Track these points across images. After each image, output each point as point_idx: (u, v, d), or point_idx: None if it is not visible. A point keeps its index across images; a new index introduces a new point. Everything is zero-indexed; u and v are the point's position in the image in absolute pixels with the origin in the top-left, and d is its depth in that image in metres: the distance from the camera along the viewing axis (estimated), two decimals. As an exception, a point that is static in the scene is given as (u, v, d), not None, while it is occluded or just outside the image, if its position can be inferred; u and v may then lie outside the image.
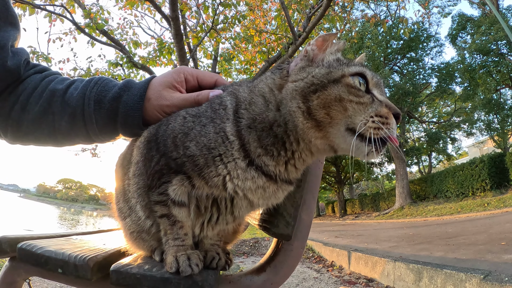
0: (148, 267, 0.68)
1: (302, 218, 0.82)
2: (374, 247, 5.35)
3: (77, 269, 0.77)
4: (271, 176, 0.68)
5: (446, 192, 16.88)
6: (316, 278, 4.05)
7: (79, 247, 0.92)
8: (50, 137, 0.86)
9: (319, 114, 0.63)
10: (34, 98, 0.83)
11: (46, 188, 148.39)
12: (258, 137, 0.67)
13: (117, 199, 0.88)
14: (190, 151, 0.66)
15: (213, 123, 0.67)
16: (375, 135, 0.61)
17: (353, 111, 0.63)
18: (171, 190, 0.68)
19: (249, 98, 0.70)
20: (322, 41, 0.70)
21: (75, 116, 0.82)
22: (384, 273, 3.55)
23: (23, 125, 0.83)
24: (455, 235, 5.89)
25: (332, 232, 10.50)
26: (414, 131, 30.32)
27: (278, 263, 0.80)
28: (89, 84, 0.85)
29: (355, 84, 0.65)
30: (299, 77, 0.67)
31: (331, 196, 44.02)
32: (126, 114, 0.81)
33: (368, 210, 25.87)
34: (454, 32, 21.64)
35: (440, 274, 2.75)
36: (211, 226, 0.74)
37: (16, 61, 0.83)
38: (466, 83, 20.45)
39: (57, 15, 6.21)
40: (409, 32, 7.28)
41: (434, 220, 11.78)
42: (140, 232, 0.80)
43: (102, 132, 0.85)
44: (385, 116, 0.64)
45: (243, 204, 0.70)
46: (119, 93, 0.82)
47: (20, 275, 0.98)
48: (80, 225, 21.25)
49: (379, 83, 0.70)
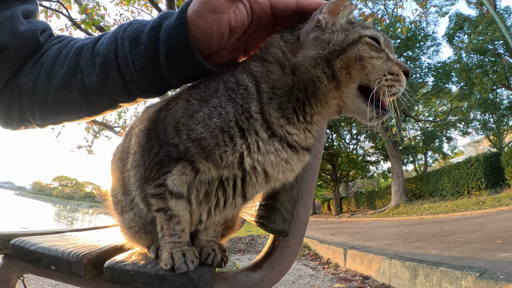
0: (143, 263, 0.67)
1: (299, 214, 0.81)
2: (370, 245, 5.37)
3: (71, 266, 0.76)
4: (295, 147, 0.68)
5: (441, 191, 17.00)
6: (312, 276, 4.06)
7: (73, 243, 0.91)
8: (82, 102, 0.73)
9: (341, 74, 0.65)
10: (60, 61, 0.73)
11: (42, 186, 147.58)
12: (279, 105, 0.66)
13: (114, 192, 0.85)
14: (196, 134, 0.63)
15: (234, 103, 0.64)
16: (388, 92, 0.66)
17: (372, 68, 0.66)
18: (170, 180, 0.65)
19: (264, 69, 0.69)
20: (334, 6, 0.69)
21: (107, 64, 0.69)
22: (380, 270, 3.56)
23: (50, 95, 0.73)
24: (451, 233, 5.92)
25: (328, 229, 10.54)
26: (410, 129, 30.54)
27: (275, 260, 0.79)
28: (121, 27, 0.72)
29: (373, 43, 0.68)
30: (318, 47, 0.67)
31: (327, 194, 44.23)
32: (169, 38, 0.65)
33: (363, 208, 26.00)
34: (451, 31, 21.75)
35: (436, 272, 2.76)
36: (218, 211, 0.72)
37: (31, 26, 0.74)
38: (462, 82, 20.59)
39: (53, 11, 6.18)
40: (406, 31, 7.31)
41: (429, 218, 11.86)
42: (143, 225, 0.78)
43: (142, 78, 0.69)
44: (396, 74, 0.67)
45: (258, 180, 0.68)
46: (158, 22, 0.68)
47: (14, 272, 0.97)
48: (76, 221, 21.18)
49: (390, 44, 0.73)
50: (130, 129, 0.82)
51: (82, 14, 5.72)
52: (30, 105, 0.75)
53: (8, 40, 0.70)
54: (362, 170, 28.53)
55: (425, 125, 26.96)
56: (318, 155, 0.87)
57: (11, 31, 0.70)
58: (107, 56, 0.68)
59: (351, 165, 27.76)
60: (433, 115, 27.81)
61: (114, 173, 0.85)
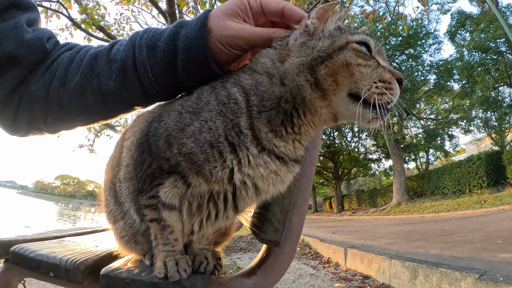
0: (138, 271, 0.68)
1: (293, 221, 0.82)
2: (371, 244, 5.38)
3: (68, 273, 0.78)
4: (283, 158, 0.67)
5: (443, 189, 16.97)
6: (312, 275, 4.06)
7: (71, 250, 0.92)
8: (98, 106, 0.76)
9: (326, 83, 0.63)
10: (74, 69, 0.75)
11: (44, 185, 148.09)
12: (268, 118, 0.65)
13: (107, 202, 0.86)
14: (186, 149, 0.63)
15: (224, 117, 0.64)
16: (379, 100, 0.63)
17: (360, 75, 0.63)
18: (162, 192, 0.66)
19: (254, 81, 0.68)
20: (322, 12, 0.68)
21: (125, 69, 0.72)
22: (380, 270, 3.57)
23: (65, 101, 0.75)
24: (452, 233, 5.92)
25: (329, 228, 10.54)
26: (412, 127, 30.44)
27: (269, 267, 0.79)
28: (137, 34, 0.75)
29: (360, 49, 0.66)
30: (303, 53, 0.66)
31: (328, 192, 44.18)
32: (188, 48, 0.70)
33: (365, 206, 25.98)
34: (453, 29, 21.65)
35: (435, 273, 2.77)
36: (210, 223, 0.72)
37: (36, 34, 0.75)
38: (464, 80, 20.51)
39: (53, 11, 6.17)
40: (407, 28, 7.27)
41: (430, 216, 11.84)
42: (135, 235, 0.79)
43: (159, 82, 0.73)
44: (388, 81, 0.65)
45: (248, 194, 0.67)
46: (175, 31, 0.72)
47: (15, 276, 0.99)
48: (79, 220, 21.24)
49: (382, 50, 0.71)
50: (121, 140, 0.82)
51: (82, 14, 5.71)
52: (44, 111, 0.77)
53: (16, 49, 0.71)
54: (363, 168, 28.51)
55: (427, 123, 26.86)
56: (313, 162, 0.87)
57: (17, 40, 0.71)
58: (125, 62, 0.72)
59: (353, 163, 27.73)
60: (435, 113, 27.72)
61: (107, 184, 0.85)
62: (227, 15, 0.71)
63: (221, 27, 0.70)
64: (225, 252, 5.61)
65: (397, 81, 0.66)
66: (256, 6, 0.73)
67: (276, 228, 0.76)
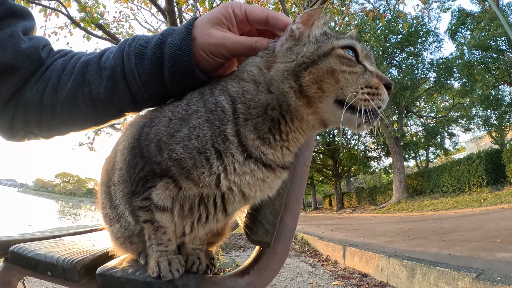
0: (132, 270, 0.70)
1: (286, 222, 0.83)
2: (370, 242, 5.39)
3: (65, 272, 0.79)
4: (270, 165, 0.68)
5: (442, 187, 16.98)
6: (311, 273, 4.08)
7: (68, 249, 0.93)
8: (89, 112, 0.77)
9: (310, 90, 0.63)
10: (66, 76, 0.76)
11: (44, 183, 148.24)
12: (254, 126, 0.66)
13: (103, 205, 0.87)
14: (176, 154, 0.64)
15: (211, 124, 0.65)
16: (365, 106, 0.61)
17: (345, 81, 0.63)
18: (155, 194, 0.67)
19: (240, 89, 0.68)
20: (307, 17, 0.68)
21: (115, 77, 0.74)
22: (378, 268, 3.59)
23: (57, 107, 0.76)
24: (451, 231, 5.94)
25: (329, 225, 10.56)
26: (412, 125, 30.43)
27: (262, 266, 0.81)
28: (126, 42, 0.77)
29: (346, 55, 0.65)
30: (288, 58, 0.65)
31: (328, 190, 44.21)
32: (174, 56, 0.71)
33: (365, 203, 26.02)
34: (453, 27, 21.60)
35: (433, 272, 2.78)
36: (201, 225, 0.73)
37: (33, 43, 0.77)
38: (464, 78, 20.48)
39: (52, 10, 6.14)
40: (407, 26, 7.25)
41: (430, 215, 11.87)
42: (130, 236, 0.80)
43: (147, 89, 0.74)
44: (376, 87, 0.64)
45: (235, 199, 0.68)
46: (162, 39, 0.73)
47: (14, 275, 1.00)
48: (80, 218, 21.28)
49: (369, 54, 0.70)
50: (116, 145, 0.83)
51: (81, 12, 5.68)
52: (38, 117, 0.78)
53: (12, 59, 0.72)
54: (363, 165, 28.50)
55: (427, 121, 26.86)
56: (307, 163, 0.88)
57: (14, 49, 0.72)
58: (115, 70, 0.73)
59: (352, 160, 27.72)
60: (435, 111, 27.71)
61: (102, 187, 0.87)
62: (212, 23, 0.72)
63: (205, 35, 0.71)
64: (225, 250, 5.64)
65: (385, 86, 0.65)
66: (240, 14, 0.74)
67: (267, 229, 0.77)
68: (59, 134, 0.85)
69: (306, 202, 53.27)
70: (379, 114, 0.65)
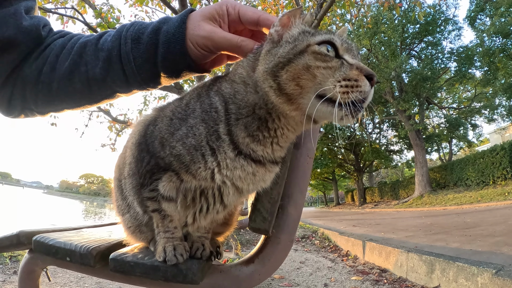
0: (141, 256, 0.76)
1: (290, 212, 0.85)
2: (391, 237, 5.32)
3: (82, 257, 0.85)
4: (260, 161, 0.72)
5: (466, 180, 16.40)
6: (330, 268, 4.07)
7: (86, 238, 0.99)
8: (84, 91, 0.81)
9: (289, 87, 0.65)
10: (64, 55, 0.80)
11: (68, 184, 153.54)
12: (245, 125, 0.70)
13: (116, 197, 0.94)
14: (176, 151, 0.70)
15: (206, 124, 0.70)
16: (344, 99, 0.61)
17: (322, 76, 0.63)
18: (161, 186, 0.73)
19: (232, 90, 0.73)
20: (286, 18, 0.70)
21: (111, 59, 0.78)
22: (397, 263, 3.54)
23: (54, 85, 0.80)
24: (473, 226, 5.77)
25: (350, 221, 10.44)
26: (434, 117, 29.47)
27: (266, 256, 0.84)
28: (124, 27, 0.81)
29: (320, 51, 0.65)
30: (267, 60, 0.68)
31: (350, 184, 43.53)
32: (168, 42, 0.75)
33: (387, 198, 25.50)
34: (472, 14, 20.53)
35: (452, 267, 2.73)
36: (202, 215, 0.78)
37: (34, 21, 0.80)
38: (485, 67, 19.54)
39: (69, 17, 6.33)
40: (423, 15, 7.03)
41: (453, 209, 11.52)
42: (139, 226, 0.87)
43: (141, 72, 0.78)
44: (355, 79, 0.63)
45: (230, 191, 0.74)
46: (158, 26, 0.77)
47: (37, 265, 1.07)
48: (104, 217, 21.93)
49: (350, 47, 0.70)
50: (126, 142, 0.90)
51: (97, 18, 5.85)
52: (34, 94, 0.82)
53: (14, 34, 0.76)
54: (385, 159, 27.86)
55: (449, 112, 25.91)
56: (310, 154, 0.90)
57: (16, 26, 0.76)
58: (111, 52, 0.77)
59: (374, 154, 27.18)
60: (457, 102, 26.62)
61: (115, 181, 0.94)
62: (204, 17, 0.76)
63: (195, 26, 0.75)
64: (245, 246, 5.68)
65: (367, 77, 0.64)
66: (233, 13, 0.77)
67: (264, 217, 0.80)
68: (54, 110, 0.89)
69: (328, 197, 52.76)
70: (363, 107, 0.64)
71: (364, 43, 19.10)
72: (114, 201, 0.96)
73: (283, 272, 3.81)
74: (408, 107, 19.57)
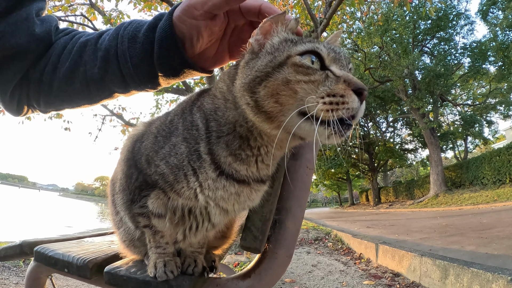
0: (134, 270, 0.75)
1: (287, 226, 0.83)
2: (405, 239, 5.21)
3: (79, 269, 0.86)
4: (244, 180, 0.68)
5: (482, 179, 15.94)
6: (342, 271, 4.00)
7: (85, 249, 1.00)
8: (83, 91, 0.79)
9: (267, 105, 0.58)
10: (65, 55, 0.79)
11: (84, 186, 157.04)
12: (226, 143, 0.66)
13: (111, 211, 0.94)
14: (160, 169, 0.68)
15: (187, 143, 0.67)
16: (327, 117, 0.54)
17: (304, 92, 0.56)
18: (150, 203, 0.71)
19: (213, 106, 0.68)
20: (268, 25, 0.63)
21: (108, 58, 0.75)
22: (410, 268, 3.45)
23: (54, 84, 0.79)
24: (490, 227, 5.60)
25: (364, 222, 10.30)
26: (448, 114, 28.86)
27: (263, 270, 0.82)
28: (122, 25, 0.78)
29: (302, 63, 0.58)
30: (244, 74, 0.62)
31: (365, 184, 43.00)
32: (160, 38, 0.71)
33: (402, 198, 25.08)
34: (484, 7, 19.96)
35: (466, 273, 2.65)
36: (192, 233, 0.76)
37: (45, 27, 0.79)
38: (500, 62, 18.97)
39: (78, 24, 6.44)
40: (434, 10, 6.87)
41: (469, 209, 11.23)
42: (132, 240, 0.86)
43: (137, 72, 0.75)
44: (340, 94, 0.55)
45: (216, 212, 0.70)
46: (154, 23, 0.74)
47: (42, 272, 1.09)
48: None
49: (338, 57, 0.62)
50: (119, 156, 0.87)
51: (107, 24, 5.95)
52: (36, 93, 0.81)
53: (28, 42, 0.74)
54: (400, 158, 27.41)
55: (464, 109, 25.28)
56: (309, 165, 0.86)
57: (29, 33, 0.74)
58: (108, 51, 0.75)
59: (388, 154, 26.77)
60: (472, 98, 25.95)
61: (109, 196, 0.93)
62: None
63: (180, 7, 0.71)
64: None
65: (355, 91, 0.56)
66: None
67: (255, 236, 0.78)
68: (55, 109, 0.88)
69: (343, 197, 52.24)
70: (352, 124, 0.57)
71: (375, 41, 18.83)
72: (110, 214, 0.96)
73: (294, 275, 3.78)
74: (421, 105, 19.21)
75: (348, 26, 12.19)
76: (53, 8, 6.00)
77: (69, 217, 18.36)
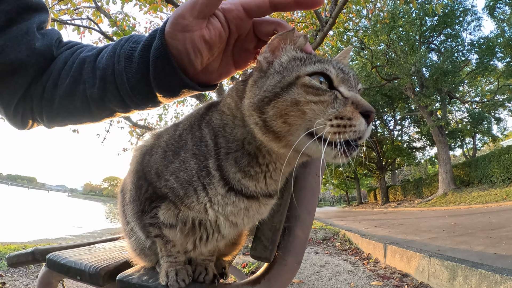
0: (146, 278, 0.77)
1: (297, 234, 0.84)
2: (413, 239, 5.19)
3: (91, 277, 0.88)
4: (253, 196, 0.68)
5: (491, 177, 15.75)
6: (350, 272, 3.99)
7: (97, 256, 1.02)
8: (84, 110, 0.77)
9: (276, 125, 0.58)
10: (65, 71, 0.76)
11: (92, 187, 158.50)
12: (235, 160, 0.66)
13: (121, 221, 0.95)
14: (170, 184, 0.69)
15: (196, 159, 0.67)
16: (334, 140, 0.55)
17: (312, 113, 0.56)
18: (161, 214, 0.73)
19: (222, 122, 0.68)
20: (277, 42, 0.62)
21: (106, 78, 0.71)
22: (418, 268, 3.43)
23: (55, 101, 0.76)
24: (498, 227, 5.55)
25: (372, 221, 10.25)
26: (457, 111, 28.47)
27: (272, 277, 0.82)
28: (120, 42, 0.74)
29: (312, 84, 0.58)
30: (253, 93, 0.61)
31: (373, 183, 42.68)
32: (155, 57, 0.66)
33: (410, 196, 24.82)
34: (491, 3, 19.62)
35: (475, 274, 2.63)
36: (203, 243, 0.76)
37: (46, 41, 0.76)
38: (508, 58, 18.67)
39: (85, 27, 6.46)
40: (441, 7, 6.79)
41: (478, 208, 11.11)
42: (143, 250, 0.87)
43: (135, 93, 0.71)
44: (348, 117, 0.55)
45: (226, 225, 0.71)
46: (149, 41, 0.68)
47: (54, 277, 1.12)
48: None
49: (347, 77, 0.62)
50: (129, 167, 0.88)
51: (113, 27, 5.98)
52: (39, 109, 0.80)
53: (28, 56, 0.72)
54: (408, 157, 27.13)
55: (472, 106, 24.94)
56: (318, 173, 0.87)
57: (29, 47, 0.72)
58: (106, 71, 0.71)
59: (396, 152, 26.53)
60: (480, 95, 25.55)
61: (119, 206, 0.94)
62: None
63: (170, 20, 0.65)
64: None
65: (363, 114, 0.56)
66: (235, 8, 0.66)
67: (265, 246, 0.79)
68: (58, 126, 0.86)
69: (351, 196, 51.89)
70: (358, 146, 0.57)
71: (382, 39, 18.66)
72: (121, 224, 0.97)
73: (302, 276, 3.78)
74: (429, 103, 19.00)
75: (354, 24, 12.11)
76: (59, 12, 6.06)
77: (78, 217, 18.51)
